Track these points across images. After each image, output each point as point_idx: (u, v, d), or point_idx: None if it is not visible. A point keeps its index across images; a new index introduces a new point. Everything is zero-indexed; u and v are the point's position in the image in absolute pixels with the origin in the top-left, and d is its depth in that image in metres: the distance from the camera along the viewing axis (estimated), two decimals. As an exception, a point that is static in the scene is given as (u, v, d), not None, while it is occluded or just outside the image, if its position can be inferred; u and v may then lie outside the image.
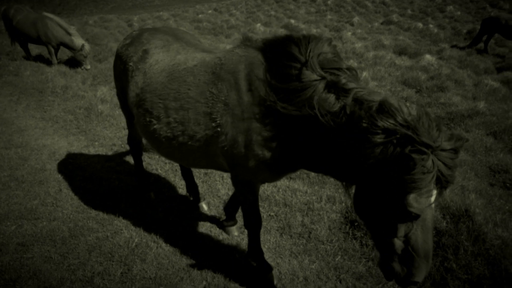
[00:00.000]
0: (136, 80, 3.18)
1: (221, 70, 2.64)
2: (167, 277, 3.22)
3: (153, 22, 18.40)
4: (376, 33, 15.60)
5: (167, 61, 3.07)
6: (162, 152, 3.20)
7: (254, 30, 14.89)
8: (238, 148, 2.56)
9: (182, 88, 2.80)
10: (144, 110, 3.04)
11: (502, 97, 8.22)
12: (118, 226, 3.85)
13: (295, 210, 4.03)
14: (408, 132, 1.82)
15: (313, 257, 3.48)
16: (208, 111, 2.65)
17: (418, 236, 1.93)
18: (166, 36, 3.37)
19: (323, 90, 2.19)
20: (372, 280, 3.23)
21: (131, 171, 4.94)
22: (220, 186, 4.55)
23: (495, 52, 13.38)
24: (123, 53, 3.44)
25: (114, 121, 6.55)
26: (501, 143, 5.89)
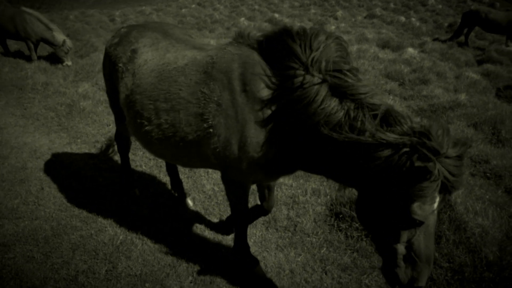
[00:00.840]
0: (125, 82, 3.09)
1: (213, 69, 2.55)
2: (153, 274, 3.20)
3: (136, 17, 18.13)
4: (360, 26, 15.69)
5: (156, 60, 2.97)
6: (156, 154, 3.13)
7: (238, 24, 14.81)
8: (232, 150, 2.50)
9: (173, 89, 2.71)
10: (135, 112, 2.96)
11: (483, 89, 8.37)
12: (103, 223, 3.81)
13: (280, 204, 4.05)
14: (414, 143, 1.80)
15: (299, 249, 3.50)
16: (199, 112, 2.56)
17: (421, 242, 1.94)
18: (154, 34, 3.26)
19: (325, 95, 2.10)
20: (357, 271, 3.28)
21: (115, 168, 4.88)
22: (206, 181, 4.54)
23: (476, 45, 13.62)
24: (112, 53, 3.33)
25: (97, 118, 6.45)
26: (481, 134, 6.01)
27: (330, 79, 2.12)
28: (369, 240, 3.52)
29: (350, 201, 3.79)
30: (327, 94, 2.10)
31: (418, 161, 1.76)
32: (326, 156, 2.15)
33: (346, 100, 2.07)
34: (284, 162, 2.44)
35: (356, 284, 3.16)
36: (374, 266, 3.32)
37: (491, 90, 8.44)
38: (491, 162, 5.02)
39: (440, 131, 1.82)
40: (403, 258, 1.98)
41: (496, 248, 3.27)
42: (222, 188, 4.40)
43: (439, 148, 1.77)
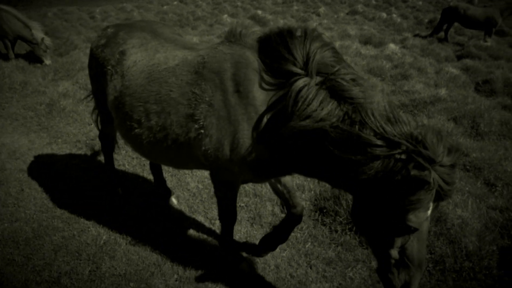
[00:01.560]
0: (114, 83, 3.02)
1: (204, 69, 2.51)
2: (137, 273, 3.18)
3: (116, 14, 17.86)
4: (342, 23, 15.80)
5: (145, 61, 2.90)
6: (147, 157, 3.07)
7: (221, 21, 14.73)
8: (224, 151, 2.46)
9: (164, 90, 2.66)
10: (124, 114, 2.89)
11: (462, 83, 8.53)
12: (85, 224, 3.76)
13: (265, 200, 4.06)
14: (410, 151, 1.79)
15: (283, 245, 3.52)
16: (190, 113, 2.52)
17: (414, 247, 1.98)
18: (143, 34, 3.19)
19: (323, 97, 2.08)
20: (341, 264, 3.31)
21: (98, 168, 4.81)
22: (190, 179, 4.51)
23: (455, 40, 13.86)
24: (99, 55, 3.25)
25: (78, 117, 6.34)
26: (461, 127, 6.13)
27: (328, 81, 2.10)
28: (353, 233, 3.57)
29: (333, 196, 3.83)
30: (325, 96, 2.08)
31: (414, 170, 1.76)
32: (321, 160, 2.13)
33: (344, 102, 2.05)
34: (278, 164, 2.40)
35: (340, 277, 3.19)
36: (358, 259, 3.36)
37: (470, 85, 8.61)
38: (470, 155, 5.14)
39: (435, 138, 1.81)
40: (397, 262, 2.02)
41: (475, 238, 3.35)
42: (206, 185, 4.38)
43: (435, 157, 1.76)
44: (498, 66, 9.78)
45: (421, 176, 1.73)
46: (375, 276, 3.20)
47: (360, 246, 3.48)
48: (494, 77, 8.54)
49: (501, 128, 6.04)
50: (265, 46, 2.36)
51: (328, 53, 2.20)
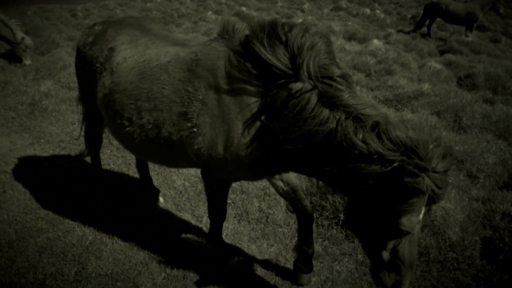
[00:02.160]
0: (103, 81, 2.94)
1: (197, 67, 2.46)
2: (124, 272, 3.15)
3: (99, 11, 17.60)
4: (326, 19, 15.88)
5: (136, 57, 2.83)
6: (139, 155, 3.02)
7: (205, 18, 14.66)
8: (217, 150, 2.43)
9: (156, 87, 2.60)
10: (114, 112, 2.82)
11: (445, 78, 8.67)
12: (70, 224, 3.71)
13: (252, 196, 4.07)
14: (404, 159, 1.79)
15: (271, 240, 3.54)
16: (183, 111, 2.48)
17: (405, 249, 2.02)
18: (132, 30, 3.11)
19: (316, 103, 2.05)
20: (328, 258, 3.34)
21: (82, 168, 4.75)
22: (176, 177, 4.49)
23: (438, 35, 14.07)
24: (87, 53, 3.15)
25: (60, 117, 6.24)
26: (444, 121, 6.23)
27: (320, 86, 2.07)
28: (339, 228, 3.60)
29: (320, 191, 3.85)
30: (317, 103, 2.05)
31: (407, 178, 1.77)
32: (314, 161, 2.13)
33: (337, 109, 2.02)
34: (273, 162, 2.38)
35: (327, 271, 3.22)
36: (345, 253, 3.40)
37: (452, 79, 8.76)
38: (453, 148, 5.23)
39: (431, 145, 1.82)
40: (388, 262, 2.07)
41: (458, 229, 3.42)
42: (193, 183, 4.37)
43: (428, 165, 1.78)
44: (479, 61, 9.96)
45: (415, 184, 1.76)
46: (362, 268, 3.24)
47: (347, 240, 3.51)
48: (475, 72, 8.69)
49: (483, 121, 6.16)
50: (250, 45, 2.28)
51: (321, 48, 2.16)
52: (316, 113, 2.03)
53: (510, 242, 3.29)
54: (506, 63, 9.89)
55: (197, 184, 4.34)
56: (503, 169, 4.76)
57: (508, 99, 7.64)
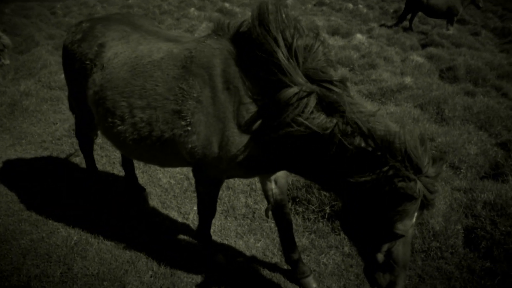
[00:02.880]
0: (93, 77, 2.86)
1: (192, 64, 2.42)
2: (111, 272, 3.12)
3: (79, 9, 17.28)
4: (310, 14, 15.92)
5: (128, 53, 2.76)
6: (130, 155, 2.95)
7: (188, 15, 14.53)
8: (212, 149, 2.40)
9: (149, 84, 2.54)
10: (105, 110, 2.74)
11: (427, 71, 8.80)
12: (54, 225, 3.65)
13: (238, 192, 4.07)
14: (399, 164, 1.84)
15: (258, 235, 3.55)
16: (177, 109, 2.43)
17: (399, 251, 2.07)
18: (122, 26, 3.03)
19: (314, 107, 2.05)
20: (315, 251, 3.37)
21: (65, 168, 4.67)
22: (161, 175, 4.46)
23: (419, 29, 14.26)
24: (76, 51, 3.05)
25: (42, 117, 6.12)
26: (427, 114, 6.33)
27: (319, 90, 2.07)
28: (325, 221, 3.63)
29: (306, 185, 3.88)
30: (316, 106, 2.06)
31: (400, 183, 1.82)
32: (310, 164, 2.16)
33: (335, 114, 2.03)
34: (267, 162, 2.38)
35: (315, 263, 3.25)
36: (331, 245, 3.43)
37: (434, 72, 8.89)
38: (436, 140, 5.31)
39: (422, 149, 1.86)
40: (383, 264, 2.11)
41: (441, 219, 3.49)
42: (178, 180, 4.35)
43: (420, 170, 1.84)
44: (460, 54, 10.13)
45: (407, 189, 1.81)
46: (348, 260, 3.28)
47: (333, 233, 3.55)
48: (457, 64, 8.84)
49: (464, 113, 6.27)
50: (244, 43, 2.28)
51: (319, 50, 2.16)
52: (314, 117, 2.04)
53: (491, 230, 3.36)
54: (486, 56, 10.09)
55: (183, 181, 4.32)
56: (484, 160, 4.87)
57: (488, 91, 7.80)
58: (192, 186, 4.23)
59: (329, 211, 3.63)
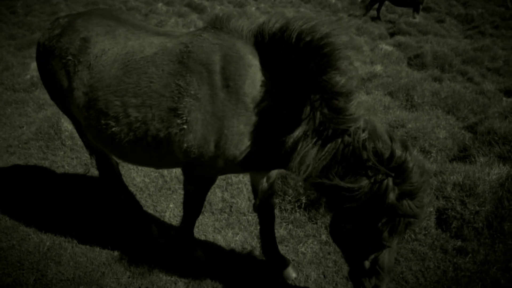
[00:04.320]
0: (80, 77, 2.68)
1: (189, 60, 2.33)
2: (87, 275, 3.05)
3: (41, 7, 16.64)
4: (279, 6, 15.94)
5: (117, 49, 2.62)
6: (126, 158, 2.79)
7: (156, 10, 14.26)
8: (209, 148, 2.33)
9: (143, 81, 2.43)
10: (97, 112, 2.59)
11: (396, 59, 8.98)
12: (25, 232, 3.53)
13: (214, 187, 4.05)
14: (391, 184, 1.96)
15: (236, 229, 3.55)
16: (173, 106, 2.34)
17: (385, 258, 2.20)
18: (105, 21, 2.85)
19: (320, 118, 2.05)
20: (293, 241, 3.40)
21: (33, 172, 4.52)
22: (135, 174, 4.38)
23: (387, 18, 14.52)
24: (55, 46, 2.84)
25: (6, 120, 5.89)
26: (397, 101, 6.47)
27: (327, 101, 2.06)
28: (302, 211, 3.66)
29: (281, 176, 3.89)
30: (321, 117, 2.06)
31: (391, 199, 1.95)
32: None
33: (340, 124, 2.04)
34: (266, 161, 2.36)
35: (293, 253, 3.28)
36: (309, 234, 3.47)
37: (403, 60, 9.08)
38: (406, 126, 5.43)
39: (416, 168, 1.98)
40: (369, 270, 2.25)
41: (414, 202, 3.57)
42: (153, 179, 4.28)
43: (412, 190, 1.97)
44: (427, 41, 10.39)
45: (398, 206, 1.94)
46: (326, 248, 3.32)
47: (310, 222, 3.59)
48: (424, 51, 9.06)
49: (433, 98, 6.44)
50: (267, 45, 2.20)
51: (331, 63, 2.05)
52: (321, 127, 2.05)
53: (461, 210, 3.48)
54: (451, 42, 10.38)
55: (158, 179, 4.26)
56: (453, 143, 5.02)
57: (454, 76, 8.04)
58: (167, 184, 4.17)
59: (305, 201, 3.66)
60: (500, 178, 3.65)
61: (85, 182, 4.34)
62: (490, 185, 3.57)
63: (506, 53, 10.20)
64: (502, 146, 4.75)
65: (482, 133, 5.09)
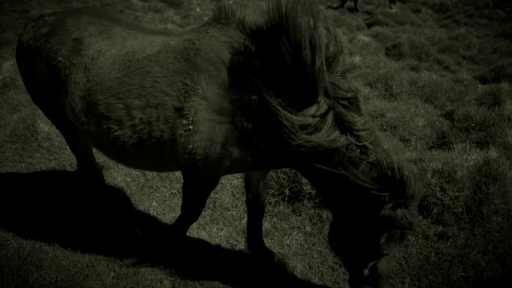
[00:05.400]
0: (75, 80, 2.55)
1: (197, 57, 2.23)
2: (70, 278, 2.99)
3: (11, 5, 16.06)
4: (257, 0, 15.85)
5: (115, 50, 2.52)
6: (129, 163, 2.69)
7: (131, 6, 13.99)
8: (215, 149, 2.24)
9: (147, 82, 2.33)
10: (98, 117, 2.48)
11: (374, 50, 9.08)
12: (3, 237, 3.43)
13: (197, 183, 4.01)
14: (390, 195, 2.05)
15: (220, 224, 3.53)
16: (179, 106, 2.25)
17: (383, 266, 2.32)
18: (98, 20, 2.72)
19: (331, 124, 2.03)
20: (278, 234, 3.41)
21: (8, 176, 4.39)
22: (116, 173, 4.30)
23: (364, 9, 14.64)
24: (43, 46, 2.69)
25: (-20, 123, 5.70)
26: (376, 91, 6.54)
27: (336, 108, 2.03)
28: (286, 203, 3.67)
29: (264, 169, 3.89)
30: (332, 124, 2.03)
31: (387, 210, 2.04)
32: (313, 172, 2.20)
33: (347, 133, 2.05)
34: (274, 161, 2.31)
35: (278, 246, 3.29)
36: (293, 226, 3.48)
37: (381, 50, 9.19)
38: (386, 115, 5.51)
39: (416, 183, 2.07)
40: (368, 277, 2.35)
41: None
42: (134, 177, 4.22)
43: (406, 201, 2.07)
44: (403, 31, 10.54)
45: (393, 216, 2.02)
46: (310, 239, 3.35)
47: (294, 214, 3.60)
48: (401, 41, 9.19)
49: (411, 87, 6.55)
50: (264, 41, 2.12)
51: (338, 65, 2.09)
52: (330, 133, 2.03)
53: (441, 196, 3.55)
54: (427, 32, 10.56)
55: (139, 178, 4.20)
56: (432, 130, 5.12)
57: (431, 65, 8.19)
58: (149, 182, 4.12)
59: (288, 193, 3.68)
60: (477, 163, 3.74)
61: (65, 184, 4.24)
62: (468, 171, 3.65)
63: (480, 41, 10.45)
64: (479, 132, 4.87)
65: (459, 120, 5.21)
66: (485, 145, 4.47)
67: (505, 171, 3.63)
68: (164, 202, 3.86)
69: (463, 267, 3.06)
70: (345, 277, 3.00)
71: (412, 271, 3.05)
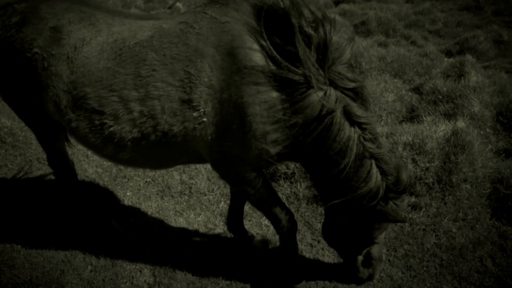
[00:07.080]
0: (57, 73, 2.33)
1: (199, 42, 2.08)
2: (45, 275, 2.92)
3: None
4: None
5: (102, 38, 2.30)
6: (126, 161, 2.48)
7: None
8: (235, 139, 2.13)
9: (144, 71, 2.15)
10: (89, 112, 2.29)
11: (342, 27, 9.08)
12: (-30, 239, 3.30)
13: (171, 171, 3.96)
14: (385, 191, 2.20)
15: (197, 210, 3.51)
16: (186, 98, 2.09)
17: (375, 250, 2.54)
18: (75, 6, 2.47)
19: (340, 118, 2.03)
20: (256, 215, 3.42)
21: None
22: (87, 165, 4.19)
23: (331, -13, 14.58)
24: (15, 37, 2.42)
25: None
26: (346, 68, 6.57)
27: (344, 100, 2.04)
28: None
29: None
30: (341, 117, 2.05)
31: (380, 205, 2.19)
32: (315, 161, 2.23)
33: (355, 126, 2.09)
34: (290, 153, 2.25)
35: (257, 227, 3.30)
36: (271, 207, 3.49)
37: (349, 28, 9.21)
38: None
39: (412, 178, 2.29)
40: (363, 263, 2.60)
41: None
42: (106, 168, 4.12)
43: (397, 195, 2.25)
44: (370, 7, 10.60)
45: (385, 209, 2.18)
46: (288, 218, 3.37)
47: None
48: (369, 18, 9.24)
49: (380, 63, 6.61)
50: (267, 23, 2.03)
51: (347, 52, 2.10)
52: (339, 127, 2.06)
53: (413, 167, 3.63)
54: (394, 7, 10.67)
55: (111, 169, 4.10)
56: (401, 105, 5.20)
57: (398, 41, 8.29)
58: (122, 172, 4.03)
59: (265, 175, 3.67)
60: (446, 134, 3.84)
61: (35, 179, 4.10)
62: (437, 142, 3.75)
63: (445, 15, 10.64)
64: (446, 104, 4.98)
65: (427, 93, 5.31)
66: (453, 116, 4.59)
67: (472, 140, 3.75)
68: (138, 191, 3.79)
69: (436, 234, 3.17)
70: (323, 253, 3.05)
71: (388, 242, 3.13)
